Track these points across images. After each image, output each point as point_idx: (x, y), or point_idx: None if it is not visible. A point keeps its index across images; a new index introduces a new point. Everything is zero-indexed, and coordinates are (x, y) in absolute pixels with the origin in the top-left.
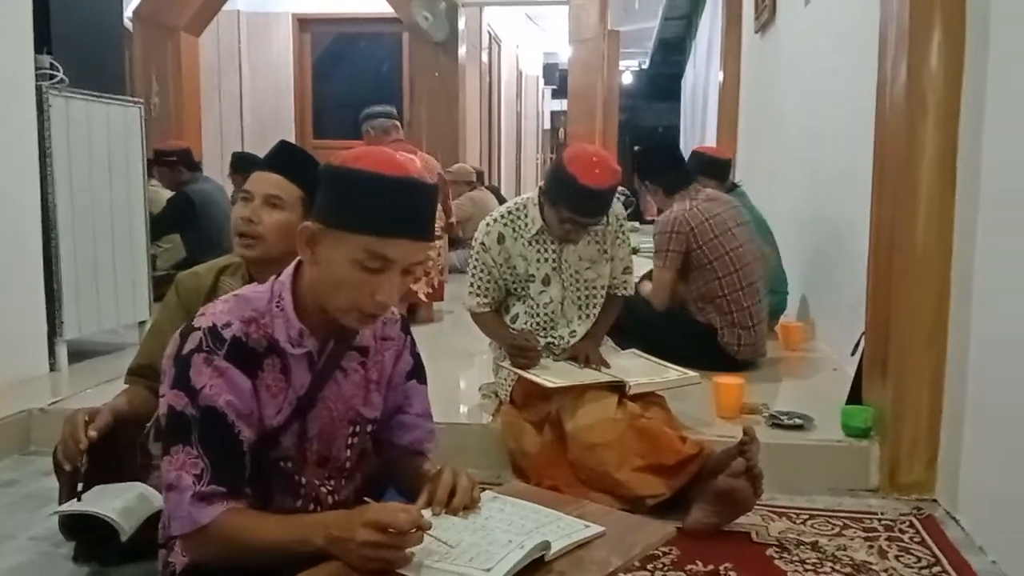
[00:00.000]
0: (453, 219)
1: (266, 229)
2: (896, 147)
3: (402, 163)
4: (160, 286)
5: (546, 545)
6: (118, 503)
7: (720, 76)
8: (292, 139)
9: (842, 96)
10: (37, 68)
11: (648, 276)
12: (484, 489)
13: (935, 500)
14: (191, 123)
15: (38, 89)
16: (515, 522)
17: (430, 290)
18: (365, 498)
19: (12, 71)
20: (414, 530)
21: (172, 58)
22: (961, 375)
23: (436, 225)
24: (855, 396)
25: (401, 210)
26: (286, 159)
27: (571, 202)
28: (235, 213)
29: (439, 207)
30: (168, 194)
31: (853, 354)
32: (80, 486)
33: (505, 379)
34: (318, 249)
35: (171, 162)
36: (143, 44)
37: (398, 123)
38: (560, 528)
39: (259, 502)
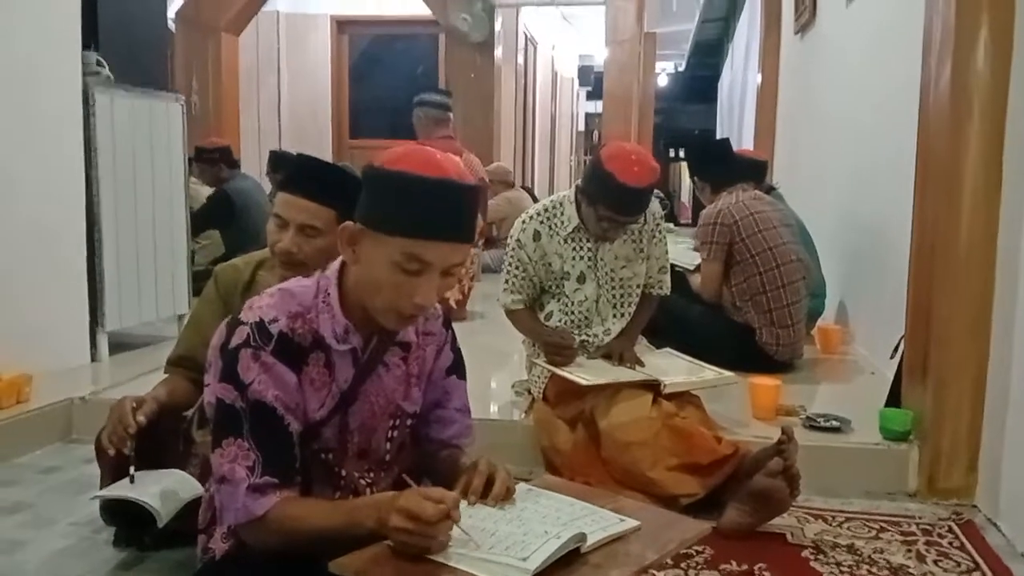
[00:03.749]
0: (490, 222)
1: (307, 257)
2: (940, 147)
3: (442, 163)
4: (198, 281)
5: (582, 537)
6: (156, 489)
7: (758, 78)
8: (329, 139)
9: (884, 96)
10: (84, 64)
11: (699, 269)
12: (518, 483)
13: (975, 506)
14: (230, 122)
15: (84, 84)
16: (551, 514)
17: (460, 297)
18: (404, 476)
19: (60, 66)
20: (444, 520)
21: (212, 58)
22: (1003, 379)
23: None
24: (894, 400)
25: (439, 213)
26: (313, 182)
27: (609, 200)
28: (270, 235)
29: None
30: (208, 191)
31: (892, 357)
32: (132, 469)
33: (538, 376)
34: (359, 249)
35: (212, 159)
36: (185, 44)
37: (451, 117)
38: (596, 521)
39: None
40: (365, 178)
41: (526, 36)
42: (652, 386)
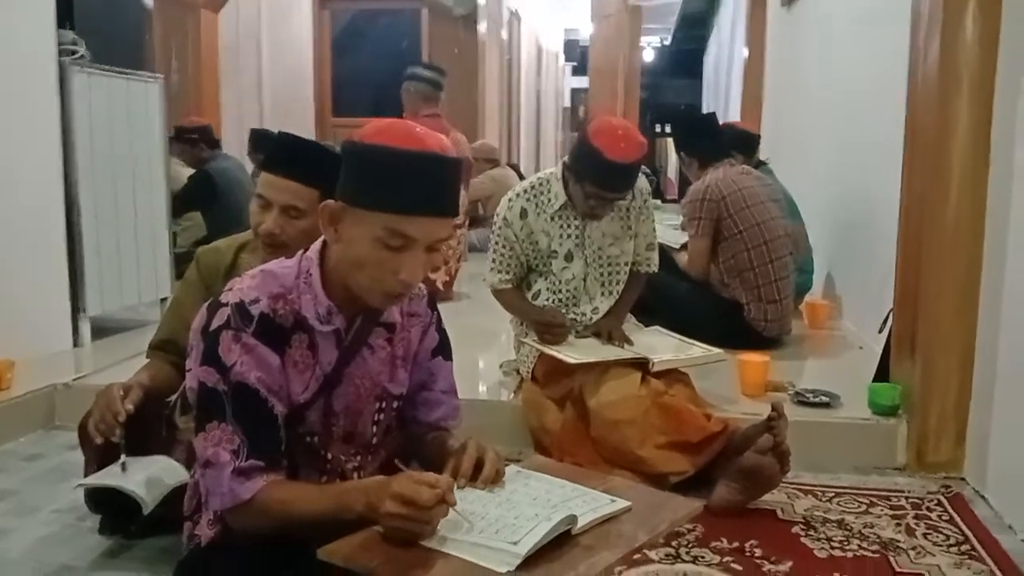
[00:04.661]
0: (475, 200)
1: (291, 239)
2: (928, 120)
3: (422, 137)
4: (181, 263)
5: (573, 519)
6: (141, 476)
7: (744, 52)
8: (311, 117)
9: (872, 69)
10: (59, 43)
11: (685, 247)
12: (508, 464)
13: (963, 479)
14: (210, 101)
15: (60, 64)
16: (541, 496)
17: (447, 278)
18: (396, 461)
19: (35, 46)
20: (439, 504)
21: (192, 36)
22: (991, 352)
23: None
24: (882, 374)
25: (421, 187)
26: (295, 161)
27: (596, 177)
28: (253, 216)
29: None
30: (189, 172)
31: (880, 331)
32: (123, 457)
33: (527, 356)
34: (340, 227)
35: (192, 139)
36: (163, 22)
37: (440, 96)
38: (586, 502)
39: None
40: (345, 154)
41: (510, 10)
42: (641, 364)
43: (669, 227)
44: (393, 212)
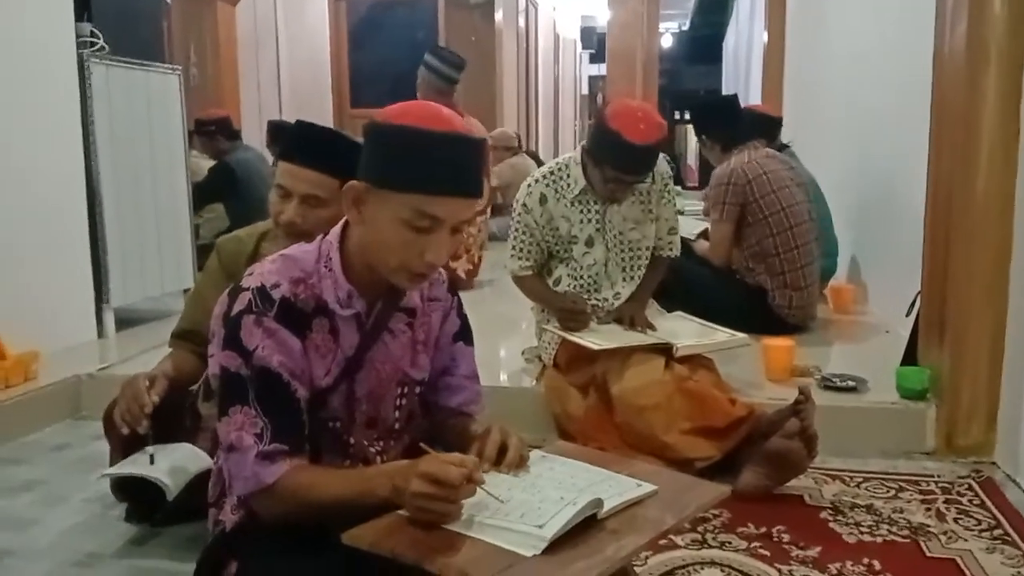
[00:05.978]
0: (494, 188)
1: (312, 227)
2: (955, 97)
3: (448, 117)
4: (203, 256)
5: (598, 503)
6: (165, 464)
7: (764, 36)
8: (330, 108)
9: (897, 46)
10: (78, 36)
11: (704, 234)
12: (532, 450)
13: (994, 463)
14: (230, 93)
15: (79, 57)
16: (566, 480)
17: (470, 267)
18: (422, 444)
19: (53, 39)
20: (466, 483)
21: (210, 29)
22: (1022, 334)
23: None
24: (910, 358)
25: (448, 167)
26: (314, 150)
27: (616, 160)
28: (273, 206)
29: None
30: (210, 164)
31: (908, 315)
32: (151, 449)
33: (549, 343)
34: (364, 209)
35: (210, 132)
36: (181, 15)
37: (454, 88)
38: (612, 486)
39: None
40: (368, 135)
41: None
42: (664, 350)
43: (689, 214)
44: (421, 193)
